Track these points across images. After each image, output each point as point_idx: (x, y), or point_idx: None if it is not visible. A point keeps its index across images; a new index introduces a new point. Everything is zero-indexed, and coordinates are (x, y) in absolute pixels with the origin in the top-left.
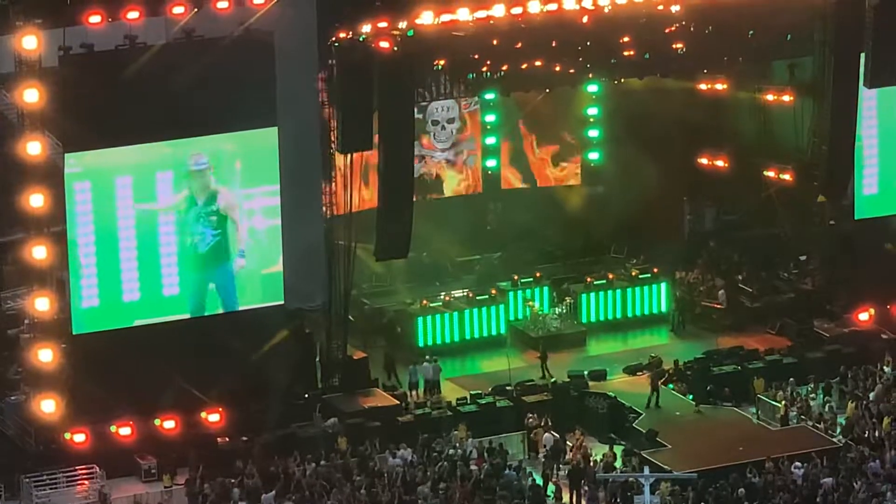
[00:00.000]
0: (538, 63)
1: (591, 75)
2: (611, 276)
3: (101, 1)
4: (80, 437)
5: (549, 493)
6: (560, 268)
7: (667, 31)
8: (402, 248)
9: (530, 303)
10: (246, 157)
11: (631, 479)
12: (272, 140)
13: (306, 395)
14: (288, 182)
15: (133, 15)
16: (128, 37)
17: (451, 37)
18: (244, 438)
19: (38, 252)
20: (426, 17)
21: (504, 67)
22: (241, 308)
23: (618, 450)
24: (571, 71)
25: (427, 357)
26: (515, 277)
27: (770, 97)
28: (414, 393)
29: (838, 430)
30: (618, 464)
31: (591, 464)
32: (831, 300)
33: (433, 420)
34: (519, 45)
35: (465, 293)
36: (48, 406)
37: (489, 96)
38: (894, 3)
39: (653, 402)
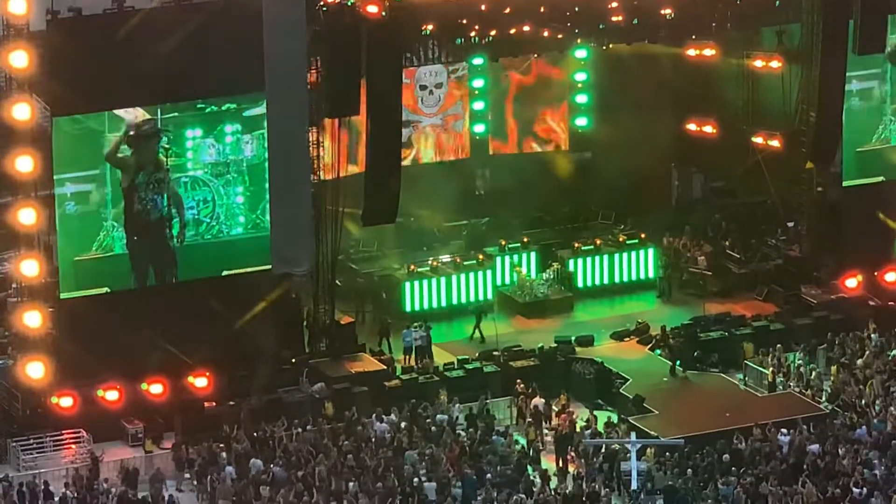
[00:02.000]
0: (526, 28)
1: (579, 41)
2: (598, 241)
3: None
4: (66, 402)
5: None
6: (548, 233)
7: None
8: (389, 214)
9: (517, 268)
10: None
11: (617, 444)
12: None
13: (293, 360)
14: (275, 147)
15: None
16: (116, 1)
17: (439, 1)
18: (231, 403)
19: (26, 216)
20: None
21: (492, 32)
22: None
23: (604, 415)
24: (560, 36)
25: (418, 323)
26: (503, 243)
27: (758, 63)
28: (408, 357)
29: (824, 396)
30: (600, 429)
31: (577, 429)
32: (819, 267)
33: (420, 385)
34: (507, 10)
35: (453, 258)
36: (35, 370)
37: (477, 61)
38: None
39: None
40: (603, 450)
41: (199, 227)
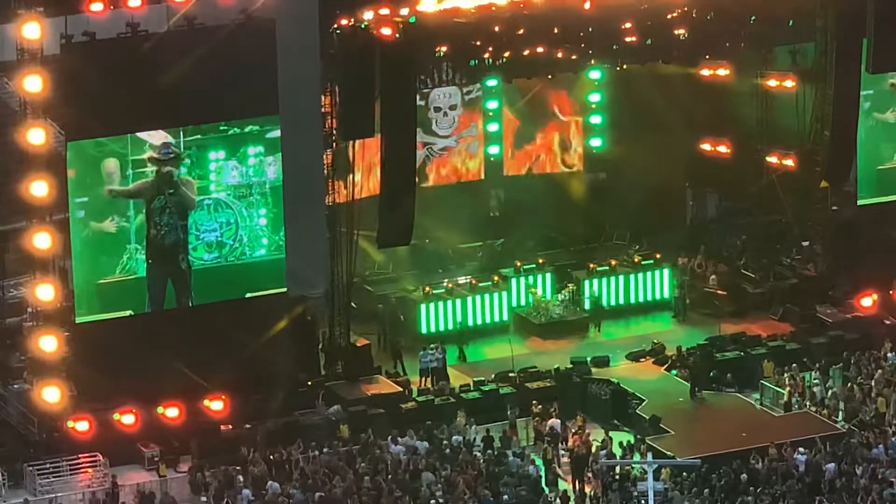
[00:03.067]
0: (540, 49)
1: (593, 61)
2: (613, 262)
3: None
4: (83, 426)
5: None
6: (563, 254)
7: (669, 16)
8: (404, 236)
9: (532, 289)
10: None
11: (634, 465)
12: None
13: (309, 383)
14: (290, 169)
15: (135, 3)
16: (129, 25)
17: (452, 23)
18: (247, 426)
19: (41, 240)
20: (428, 4)
21: (506, 54)
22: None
23: (620, 436)
24: (573, 57)
25: (434, 345)
26: (518, 264)
27: (772, 83)
28: (424, 379)
29: (841, 415)
30: (616, 450)
31: (594, 450)
32: (834, 286)
33: (436, 407)
34: (521, 31)
35: (468, 280)
36: (51, 394)
37: (491, 83)
38: None
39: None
40: (618, 470)
41: (223, 249)
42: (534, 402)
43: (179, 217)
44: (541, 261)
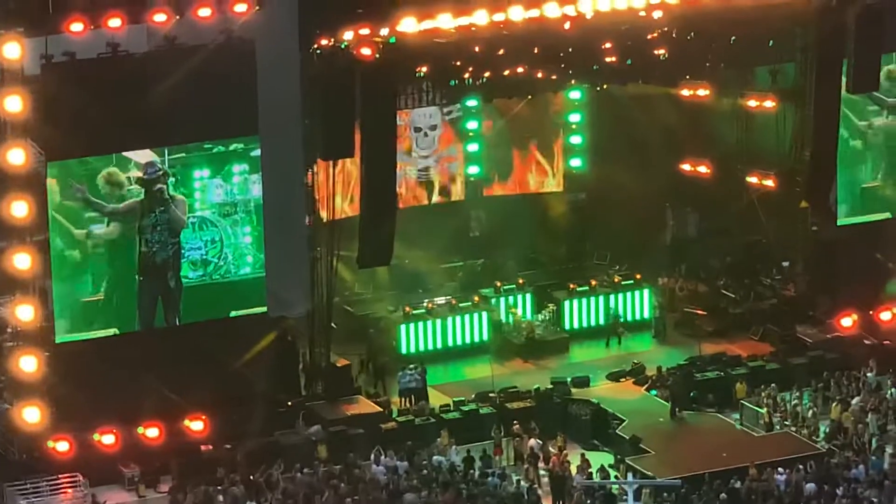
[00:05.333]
0: (520, 70)
1: (573, 82)
2: (594, 282)
3: (83, 9)
4: (63, 446)
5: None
6: (543, 274)
7: (649, 37)
8: (384, 256)
9: (513, 310)
10: None
11: (613, 486)
12: None
13: (289, 403)
14: (270, 189)
15: (115, 23)
16: (110, 45)
17: (433, 44)
18: (227, 446)
19: (21, 261)
20: (408, 24)
21: (486, 74)
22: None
23: (599, 456)
24: (554, 77)
25: (413, 365)
26: (498, 284)
27: (752, 103)
28: (404, 400)
29: (821, 435)
30: (593, 471)
31: (572, 471)
32: (814, 306)
33: (417, 427)
34: (501, 51)
35: (448, 300)
36: (31, 414)
37: (471, 103)
38: (876, 8)
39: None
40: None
41: (208, 267)
42: (514, 422)
43: (171, 234)
44: (521, 281)
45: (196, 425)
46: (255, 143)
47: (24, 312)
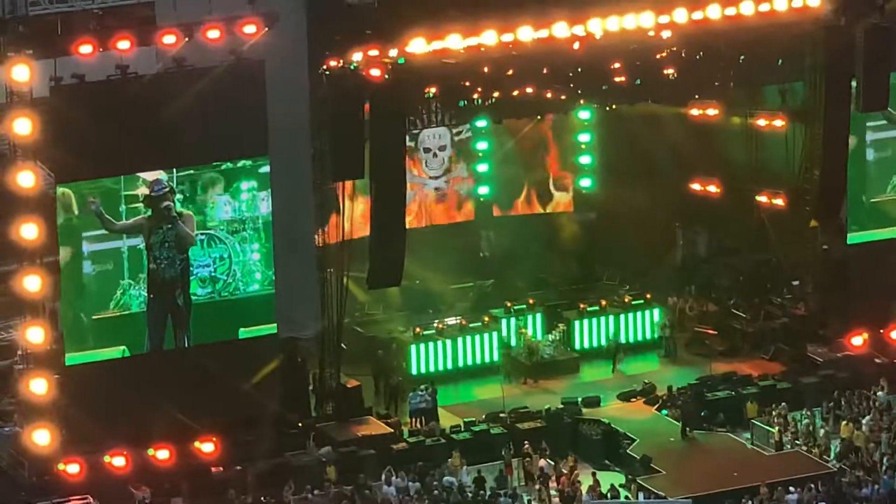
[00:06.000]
0: (529, 90)
1: (582, 102)
2: (604, 302)
3: (92, 31)
4: (73, 468)
5: None
6: (553, 294)
7: (658, 56)
8: (394, 276)
9: (523, 330)
10: None
11: None
12: None
13: (300, 424)
14: (280, 211)
15: (124, 45)
16: (119, 67)
17: (441, 64)
18: (238, 467)
19: (31, 282)
20: (417, 45)
21: (495, 94)
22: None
23: (610, 476)
24: (563, 97)
25: (424, 386)
26: (508, 304)
27: (762, 122)
28: (415, 420)
29: (832, 454)
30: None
31: (582, 491)
32: (824, 325)
33: (427, 448)
34: (510, 72)
35: (458, 321)
36: (42, 437)
37: (481, 123)
38: (884, 27)
39: None
40: None
41: (216, 285)
42: (524, 442)
43: (179, 251)
44: (531, 301)
45: (206, 447)
46: (264, 160)
47: (35, 335)
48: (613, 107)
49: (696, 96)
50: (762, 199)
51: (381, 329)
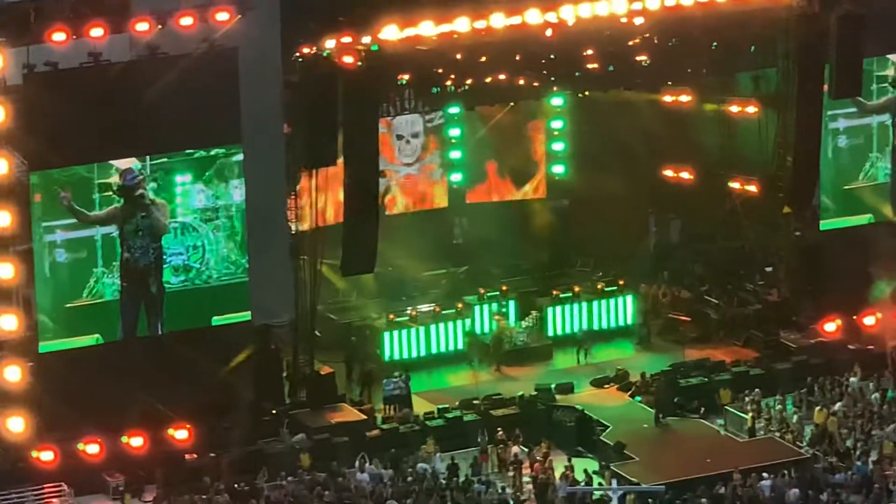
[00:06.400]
0: (502, 77)
1: (555, 88)
2: (577, 289)
3: (65, 19)
4: (47, 456)
5: None
6: (526, 281)
7: (630, 43)
8: (368, 263)
9: (497, 317)
10: None
11: (598, 492)
12: None
13: (273, 412)
14: (253, 198)
15: (97, 32)
16: (92, 54)
17: (414, 51)
18: (212, 455)
19: (4, 270)
20: (390, 32)
21: (468, 81)
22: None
23: (584, 464)
24: (535, 84)
25: (398, 373)
26: (482, 291)
27: (734, 109)
28: (388, 407)
29: (805, 440)
30: (579, 477)
31: (555, 477)
32: (798, 311)
33: (401, 435)
34: (483, 59)
35: (432, 308)
36: (15, 425)
37: (453, 110)
38: (857, 14)
39: None
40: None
41: (189, 273)
42: (498, 429)
43: (152, 240)
44: (504, 288)
45: (180, 434)
46: (237, 148)
47: (8, 322)
48: (586, 93)
49: (669, 83)
50: (735, 185)
51: (354, 316)
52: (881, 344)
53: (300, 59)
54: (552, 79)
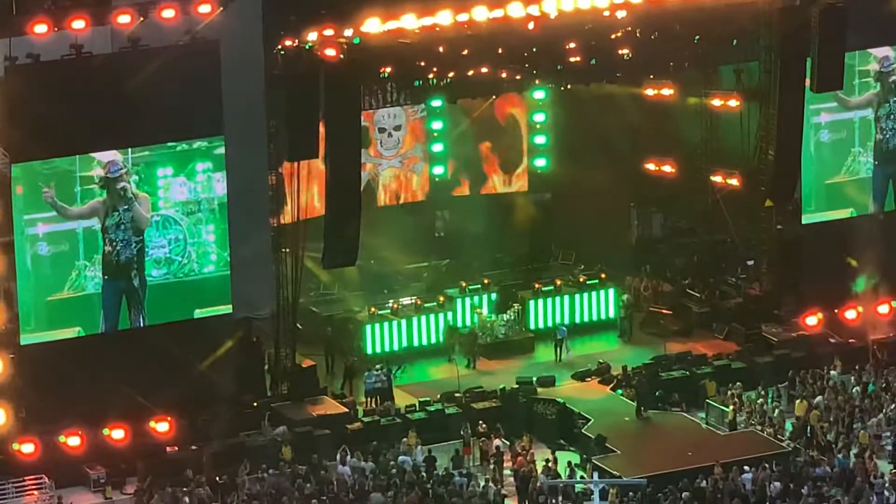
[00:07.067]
0: (484, 70)
1: (537, 81)
2: (559, 282)
3: (47, 11)
4: (28, 448)
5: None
6: (508, 274)
7: (613, 36)
8: (349, 256)
9: (478, 310)
10: None
11: (579, 485)
12: None
13: (255, 404)
14: (234, 191)
15: (79, 24)
16: (74, 46)
17: (397, 44)
18: (193, 447)
19: None
20: (372, 25)
21: (450, 74)
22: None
23: (566, 457)
24: (518, 77)
25: (380, 366)
26: (463, 284)
27: (717, 102)
28: (370, 400)
29: (786, 434)
30: (561, 471)
31: (537, 470)
32: (779, 305)
33: (382, 428)
34: (465, 52)
35: (413, 300)
36: None
37: (436, 103)
38: (839, 8)
39: None
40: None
41: (171, 266)
42: (480, 422)
43: (134, 233)
44: (486, 281)
45: (162, 427)
46: (219, 142)
47: None
48: (568, 87)
49: (652, 76)
50: (717, 179)
51: (336, 309)
52: (862, 337)
53: (282, 52)
54: (534, 72)
